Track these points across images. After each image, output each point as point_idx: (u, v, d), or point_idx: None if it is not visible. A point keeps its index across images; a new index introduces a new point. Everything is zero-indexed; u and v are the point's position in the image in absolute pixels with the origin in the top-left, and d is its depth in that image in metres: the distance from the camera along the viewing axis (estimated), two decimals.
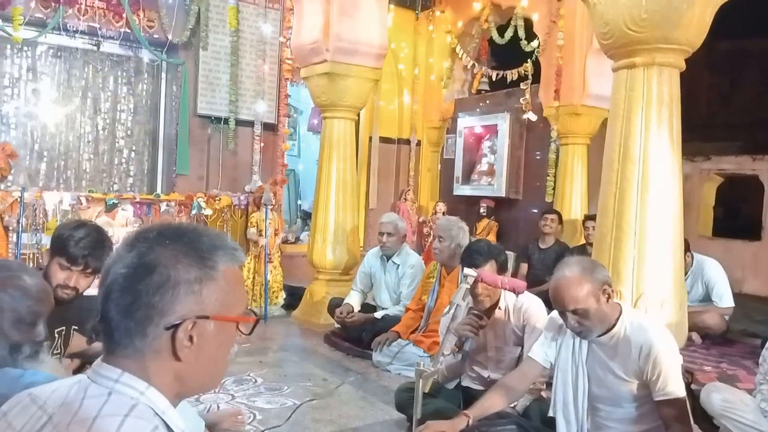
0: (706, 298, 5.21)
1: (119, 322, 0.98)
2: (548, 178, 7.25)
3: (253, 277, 5.81)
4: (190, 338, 0.99)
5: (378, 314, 4.78)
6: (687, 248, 4.98)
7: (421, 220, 8.79)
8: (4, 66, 6.85)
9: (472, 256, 2.96)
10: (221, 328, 1.03)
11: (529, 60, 7.23)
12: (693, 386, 3.35)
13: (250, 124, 7.74)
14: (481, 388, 3.08)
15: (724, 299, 5.16)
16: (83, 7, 6.59)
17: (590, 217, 6.04)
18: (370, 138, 8.74)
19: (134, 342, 0.98)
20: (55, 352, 2.43)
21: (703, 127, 8.69)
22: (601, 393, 2.42)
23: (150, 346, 0.98)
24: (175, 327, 0.98)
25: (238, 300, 1.06)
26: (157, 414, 0.96)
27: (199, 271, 1.00)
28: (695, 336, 4.97)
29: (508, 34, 7.41)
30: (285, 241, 7.30)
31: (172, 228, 1.04)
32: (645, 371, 2.28)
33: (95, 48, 7.12)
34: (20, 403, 1.02)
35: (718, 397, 2.84)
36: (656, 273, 3.04)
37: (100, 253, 2.34)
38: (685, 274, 4.60)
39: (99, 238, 2.39)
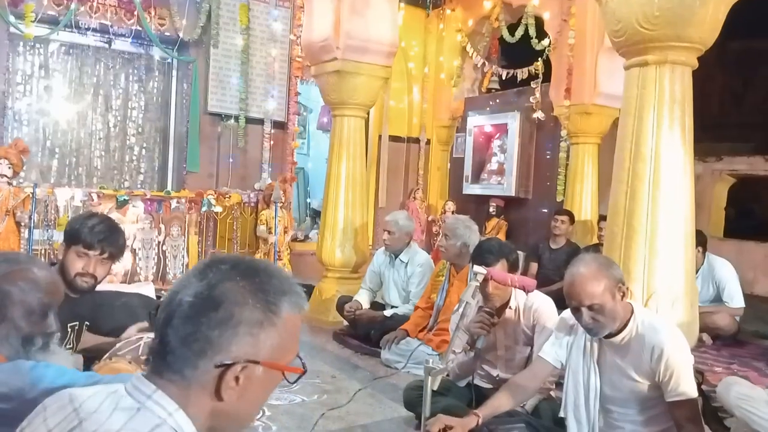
0: (717, 299, 5.18)
1: (175, 348, 0.98)
2: (558, 177, 7.21)
3: None
4: (236, 379, 0.99)
5: (387, 312, 4.78)
6: (703, 244, 4.94)
7: (430, 219, 8.78)
8: (17, 63, 6.89)
9: (483, 254, 2.94)
10: (268, 374, 1.03)
11: (539, 59, 7.20)
12: (703, 387, 3.33)
13: (260, 122, 7.75)
14: (490, 386, 3.07)
15: (735, 300, 5.13)
16: (95, 4, 6.62)
17: (604, 218, 6.01)
18: (380, 136, 8.73)
19: (184, 371, 0.99)
20: (67, 346, 2.46)
21: (715, 127, 8.62)
22: (613, 394, 2.40)
23: (197, 379, 0.99)
24: (226, 367, 0.98)
25: (291, 347, 1.06)
26: None
27: (262, 315, 1.00)
28: (706, 337, 4.95)
29: (519, 32, 7.38)
30: (294, 239, 7.32)
31: (245, 263, 1.04)
32: (657, 372, 2.26)
33: (107, 45, 7.16)
34: (60, 401, 1.05)
35: (736, 388, 2.81)
36: (667, 272, 3.02)
37: (115, 238, 2.44)
38: (696, 271, 4.57)
39: (111, 225, 2.49)
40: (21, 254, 1.87)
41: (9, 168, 5.17)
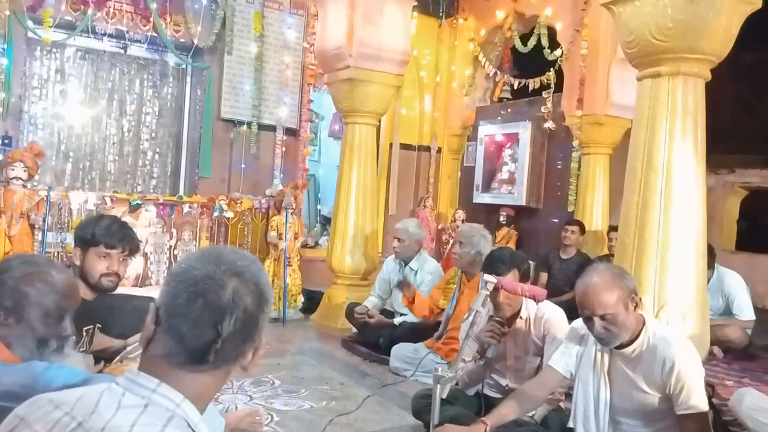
0: (727, 312, 5.13)
1: (233, 348, 1.05)
2: (570, 187, 7.19)
3: (273, 281, 5.85)
4: None
5: (396, 320, 4.78)
6: (712, 256, 4.89)
7: (440, 227, 8.77)
8: (33, 67, 6.97)
9: (494, 263, 2.94)
10: None
11: (551, 69, 7.19)
12: (714, 400, 3.31)
13: (273, 128, 7.79)
14: (499, 396, 3.06)
15: (745, 312, 5.08)
16: (111, 10, 6.70)
17: (614, 228, 5.99)
18: (391, 144, 8.75)
19: (234, 362, 1.07)
20: (81, 349, 2.48)
21: (727, 137, 8.57)
22: (623, 405, 2.39)
23: (239, 362, 1.08)
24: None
25: None
26: (191, 426, 0.99)
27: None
28: (717, 350, 4.90)
29: (531, 42, 7.38)
30: (304, 245, 7.33)
31: (242, 255, 1.12)
32: (668, 385, 2.24)
33: (122, 51, 7.23)
34: (41, 408, 1.02)
35: (749, 399, 2.79)
36: (679, 284, 3.01)
37: (132, 235, 2.51)
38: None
39: (123, 223, 2.55)
40: (40, 257, 1.89)
41: (24, 171, 5.22)
